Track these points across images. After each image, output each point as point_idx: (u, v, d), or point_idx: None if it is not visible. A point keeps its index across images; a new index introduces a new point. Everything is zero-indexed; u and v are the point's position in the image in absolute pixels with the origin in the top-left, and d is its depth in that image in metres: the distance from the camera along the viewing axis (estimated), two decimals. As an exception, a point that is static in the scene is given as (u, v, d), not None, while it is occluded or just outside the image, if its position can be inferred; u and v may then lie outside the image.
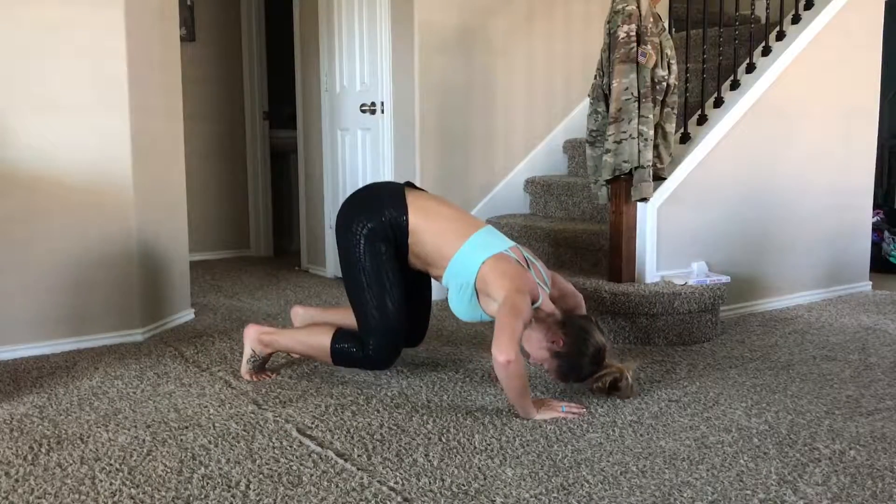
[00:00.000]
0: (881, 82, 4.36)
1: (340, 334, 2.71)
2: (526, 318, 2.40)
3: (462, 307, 2.61)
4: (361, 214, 2.65)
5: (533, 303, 2.50)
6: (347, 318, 2.88)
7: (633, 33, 3.20)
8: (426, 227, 2.63)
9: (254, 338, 2.77)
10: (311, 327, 2.81)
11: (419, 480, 1.96)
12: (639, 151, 3.24)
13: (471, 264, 2.54)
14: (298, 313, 3.05)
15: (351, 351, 2.68)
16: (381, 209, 2.64)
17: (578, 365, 2.51)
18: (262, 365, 2.80)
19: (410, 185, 2.80)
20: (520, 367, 2.31)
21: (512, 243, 2.64)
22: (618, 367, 2.54)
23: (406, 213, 2.63)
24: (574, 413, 2.40)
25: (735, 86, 3.80)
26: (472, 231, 2.62)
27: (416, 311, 2.85)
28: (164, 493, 1.89)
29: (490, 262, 2.52)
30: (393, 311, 2.64)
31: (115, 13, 3.16)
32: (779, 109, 3.85)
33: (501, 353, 2.29)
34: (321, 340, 2.71)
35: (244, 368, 2.78)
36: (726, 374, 2.85)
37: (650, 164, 3.28)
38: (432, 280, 2.87)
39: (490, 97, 4.27)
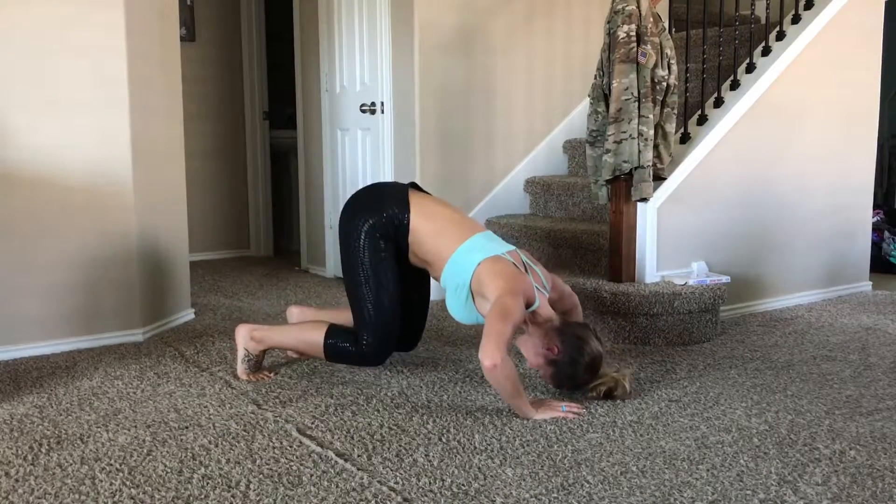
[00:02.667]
0: (881, 82, 4.36)
1: (333, 330, 2.72)
2: (516, 320, 2.40)
3: (458, 308, 2.62)
4: (364, 211, 2.68)
5: (528, 306, 2.50)
6: (342, 317, 2.89)
7: (633, 33, 3.20)
8: (426, 227, 2.64)
9: (245, 336, 2.78)
10: (303, 324, 2.82)
11: (419, 480, 1.96)
12: (639, 151, 3.24)
13: (467, 265, 2.55)
14: (294, 313, 3.05)
15: (344, 346, 2.70)
16: (383, 207, 2.66)
17: (573, 373, 2.51)
18: (257, 364, 2.80)
19: (415, 186, 2.82)
20: (507, 370, 2.31)
21: (510, 247, 2.65)
22: (613, 376, 2.54)
23: (408, 213, 2.65)
24: (574, 413, 2.40)
25: (735, 86, 3.80)
26: (470, 234, 2.63)
27: (413, 311, 2.85)
28: (164, 493, 1.89)
29: (486, 264, 2.53)
30: (389, 308, 2.66)
31: (116, 13, 3.16)
32: (779, 109, 3.85)
33: (487, 357, 2.29)
34: (314, 336, 2.72)
35: (240, 369, 2.78)
36: (726, 374, 2.85)
37: (650, 164, 3.28)
38: (431, 281, 2.87)
39: (490, 97, 4.27)
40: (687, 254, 3.60)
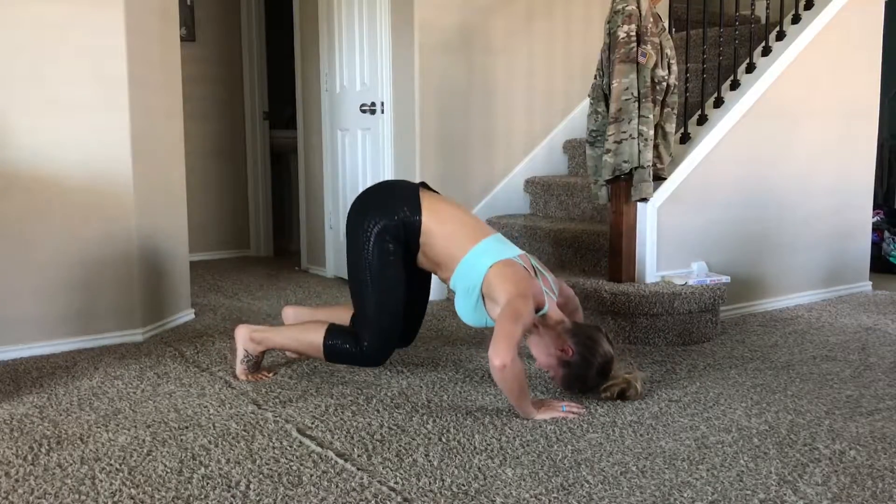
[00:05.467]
0: (881, 82, 4.36)
1: (333, 331, 2.71)
2: (526, 322, 2.40)
3: (468, 311, 2.62)
4: (375, 212, 2.65)
5: (538, 310, 2.50)
6: (337, 316, 2.88)
7: (633, 33, 3.20)
8: (438, 229, 2.63)
9: (245, 337, 2.78)
10: (303, 324, 2.82)
11: (419, 480, 1.96)
12: (639, 151, 3.24)
13: (478, 268, 2.55)
14: (289, 314, 3.05)
15: (344, 347, 2.69)
16: (394, 208, 2.64)
17: (585, 376, 2.50)
18: (256, 364, 2.80)
19: (425, 185, 2.81)
20: (516, 370, 2.31)
21: (520, 251, 2.65)
22: (625, 377, 2.53)
23: (420, 214, 2.63)
24: (574, 413, 2.40)
25: (735, 86, 3.80)
26: (482, 236, 2.63)
27: (412, 311, 2.85)
28: (164, 493, 1.89)
29: (497, 267, 2.52)
30: (392, 311, 2.66)
31: (116, 13, 3.16)
32: (779, 109, 3.85)
33: (497, 356, 2.29)
34: (314, 337, 2.72)
35: (239, 369, 2.78)
36: (726, 374, 2.85)
37: (650, 164, 3.27)
38: (432, 279, 2.87)
39: (490, 97, 4.27)
40: (687, 254, 3.60)
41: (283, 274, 4.96)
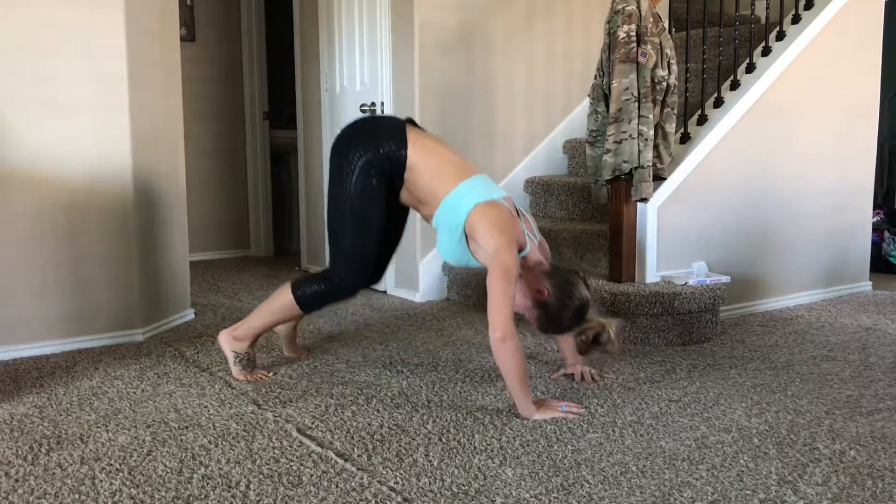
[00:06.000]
0: (881, 82, 4.36)
1: (299, 282, 2.71)
2: (515, 275, 2.41)
3: (450, 249, 2.60)
4: (360, 145, 2.62)
5: (520, 251, 2.51)
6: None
7: (633, 33, 3.20)
8: (424, 164, 2.60)
9: (228, 340, 2.79)
10: (270, 297, 2.79)
11: (419, 480, 1.96)
12: (639, 151, 3.24)
13: (462, 207, 2.53)
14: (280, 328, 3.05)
15: (315, 289, 2.69)
16: (380, 141, 2.61)
17: (560, 317, 2.50)
18: (250, 362, 2.80)
19: (412, 122, 2.77)
20: (517, 345, 2.32)
21: (505, 193, 2.64)
22: (600, 322, 2.53)
23: (405, 149, 2.60)
24: (574, 413, 2.40)
25: (735, 86, 3.80)
26: (467, 175, 2.60)
27: (387, 246, 2.83)
28: (164, 493, 1.89)
29: (481, 208, 2.51)
30: (368, 247, 2.64)
31: (116, 12, 3.16)
32: (779, 109, 3.85)
33: (497, 328, 2.31)
34: (282, 298, 2.72)
35: (235, 371, 2.78)
36: (726, 374, 2.85)
37: (650, 164, 3.28)
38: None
39: (490, 97, 4.27)
40: (687, 254, 3.60)
41: (283, 274, 4.96)
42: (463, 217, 2.52)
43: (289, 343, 3.05)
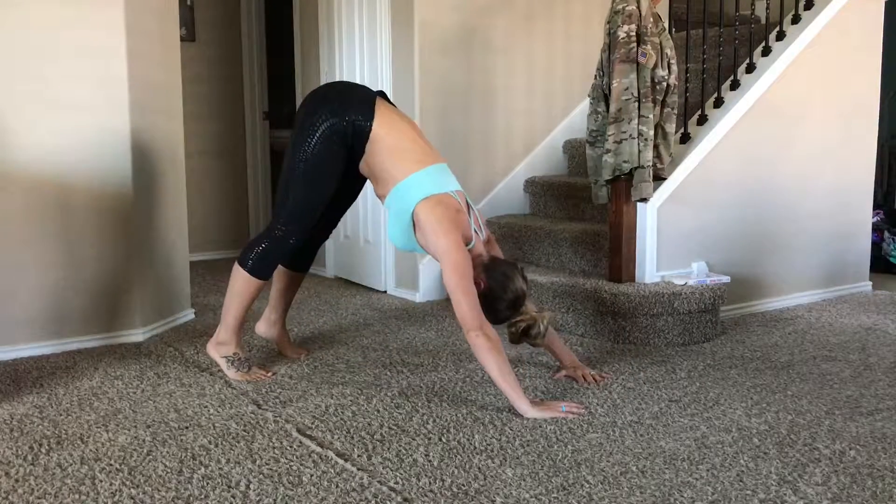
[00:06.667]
0: (881, 82, 4.36)
1: (242, 254, 2.72)
2: (469, 269, 2.46)
3: (398, 234, 2.63)
4: (327, 109, 2.63)
5: (466, 244, 2.55)
6: (287, 293, 2.98)
7: (633, 33, 3.20)
8: (387, 140, 2.62)
9: (213, 347, 2.81)
10: (228, 286, 2.79)
11: (419, 480, 1.96)
12: (639, 151, 3.24)
13: (412, 195, 2.55)
14: (261, 327, 3.07)
15: (258, 251, 2.69)
16: (347, 109, 2.62)
17: (495, 308, 2.55)
18: (244, 362, 2.79)
19: (383, 95, 2.77)
20: (492, 338, 2.37)
21: (458, 187, 2.66)
22: (533, 315, 2.58)
23: (371, 120, 2.61)
24: (574, 413, 2.40)
25: (735, 86, 3.80)
26: (427, 162, 2.62)
27: (334, 210, 2.88)
28: (164, 493, 1.89)
29: (430, 201, 2.54)
30: (314, 204, 2.67)
31: (116, 13, 3.16)
32: (779, 109, 3.85)
33: (469, 326, 2.39)
34: (236, 277, 2.72)
35: (231, 374, 2.77)
36: (726, 374, 2.85)
37: (650, 164, 3.28)
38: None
39: (490, 97, 4.27)
40: (687, 254, 3.60)
41: (283, 274, 4.95)
42: (412, 206, 2.55)
43: (284, 345, 3.06)
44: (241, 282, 2.72)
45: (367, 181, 2.84)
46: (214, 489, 1.91)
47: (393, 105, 2.78)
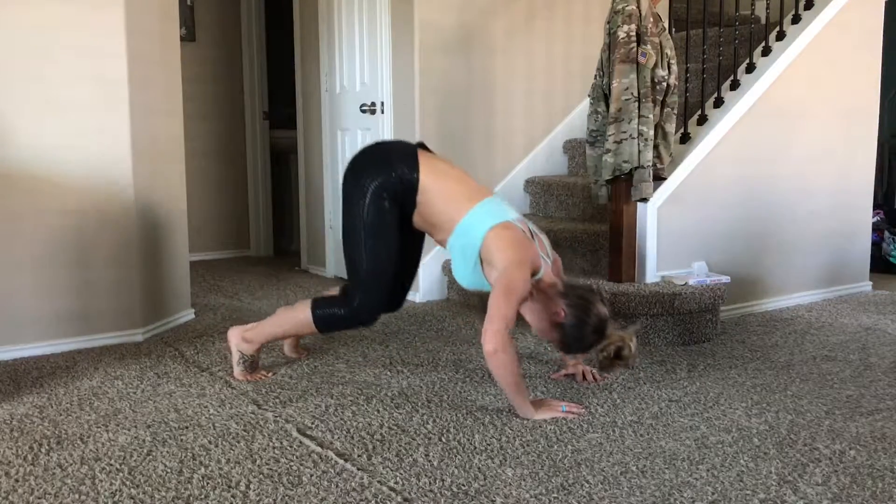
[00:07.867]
0: (881, 82, 4.36)
1: (320, 301, 2.70)
2: (521, 294, 2.39)
3: (465, 274, 2.57)
4: (372, 169, 2.61)
5: (534, 274, 2.48)
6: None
7: (633, 33, 3.20)
8: (437, 187, 2.58)
9: (237, 338, 2.78)
10: (287, 308, 2.79)
11: (419, 480, 1.96)
12: (639, 151, 3.24)
13: (477, 230, 2.50)
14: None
15: (334, 312, 2.66)
16: (392, 165, 2.59)
17: (581, 336, 2.46)
18: (253, 364, 2.80)
19: (423, 146, 2.75)
20: (509, 357, 2.31)
21: (518, 214, 2.62)
22: (620, 335, 2.49)
23: (417, 172, 2.58)
24: (574, 413, 2.40)
25: (735, 86, 3.80)
26: (481, 197, 2.58)
27: (404, 272, 2.82)
28: (164, 493, 1.89)
29: (496, 230, 2.48)
30: (385, 269, 2.62)
31: (116, 13, 3.16)
32: (779, 109, 3.85)
33: (488, 341, 2.30)
34: (301, 314, 2.69)
35: (237, 371, 2.78)
36: (726, 374, 2.85)
37: (650, 164, 3.28)
38: (424, 242, 2.84)
39: (490, 97, 4.27)
40: (687, 254, 3.60)
41: (283, 274, 4.96)
42: (479, 240, 2.49)
43: (290, 343, 3.05)
44: (303, 320, 2.70)
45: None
46: (214, 489, 1.91)
47: (432, 152, 2.75)
